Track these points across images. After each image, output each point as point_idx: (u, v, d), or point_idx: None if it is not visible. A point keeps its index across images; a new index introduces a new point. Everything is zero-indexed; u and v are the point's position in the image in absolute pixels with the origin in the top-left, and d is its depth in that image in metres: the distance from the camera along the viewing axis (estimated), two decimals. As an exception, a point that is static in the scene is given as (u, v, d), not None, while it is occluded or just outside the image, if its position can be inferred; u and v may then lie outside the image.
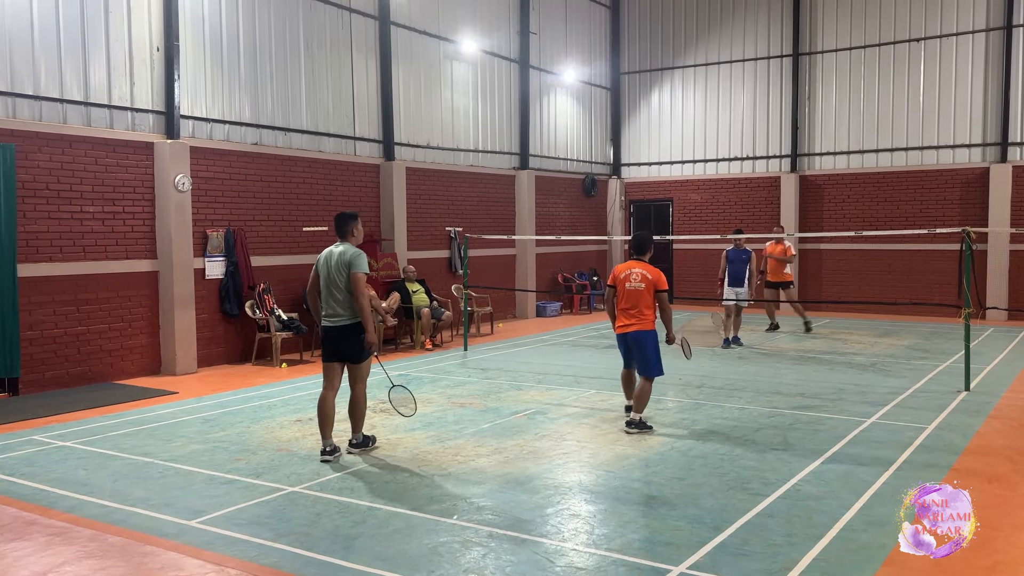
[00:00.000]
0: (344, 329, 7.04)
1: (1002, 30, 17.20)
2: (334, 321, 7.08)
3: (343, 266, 6.99)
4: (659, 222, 21.52)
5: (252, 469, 6.80)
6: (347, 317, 7.03)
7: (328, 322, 7.12)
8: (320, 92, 13.87)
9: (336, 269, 7.01)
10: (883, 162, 18.60)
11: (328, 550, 5.05)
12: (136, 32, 11.20)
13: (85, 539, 5.29)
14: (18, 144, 9.92)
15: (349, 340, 7.05)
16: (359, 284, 6.93)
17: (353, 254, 7.01)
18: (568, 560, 4.90)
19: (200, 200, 11.96)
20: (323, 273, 7.12)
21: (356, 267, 6.95)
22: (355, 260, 6.97)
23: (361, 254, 7.05)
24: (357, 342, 7.05)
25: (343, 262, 6.99)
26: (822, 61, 19.20)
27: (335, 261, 7.04)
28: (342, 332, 7.05)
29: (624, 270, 8.06)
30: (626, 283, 7.98)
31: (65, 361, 10.47)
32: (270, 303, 12.37)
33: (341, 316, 7.04)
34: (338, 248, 7.13)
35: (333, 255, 7.09)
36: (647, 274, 7.92)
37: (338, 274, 7.01)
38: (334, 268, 7.03)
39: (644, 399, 7.97)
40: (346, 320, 7.04)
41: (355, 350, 7.08)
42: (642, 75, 21.58)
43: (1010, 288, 17.05)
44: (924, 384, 10.20)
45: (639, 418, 7.94)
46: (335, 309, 7.06)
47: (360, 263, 6.98)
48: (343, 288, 7.00)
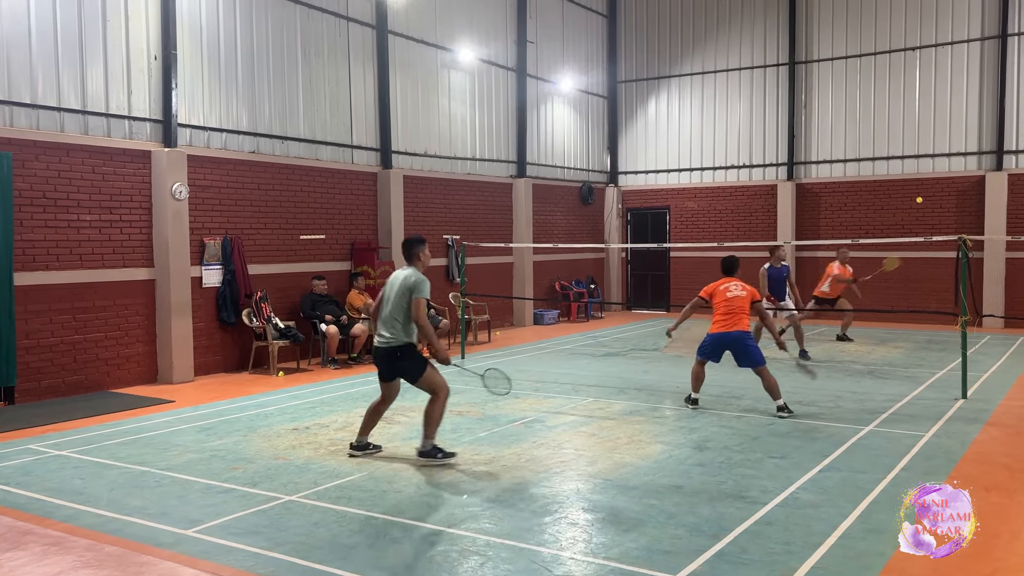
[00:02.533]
0: (395, 351, 7.04)
1: (997, 39, 17.28)
2: (387, 342, 7.07)
3: (406, 290, 6.99)
4: (656, 230, 21.56)
5: (249, 478, 6.78)
6: (398, 339, 7.03)
7: (380, 342, 7.13)
8: (318, 100, 13.89)
9: (400, 293, 7.02)
10: (879, 170, 18.66)
11: (325, 559, 5.03)
12: (134, 41, 11.22)
13: (81, 549, 5.27)
14: (15, 152, 9.92)
15: (401, 362, 7.07)
16: (418, 309, 6.93)
17: (417, 280, 7.00)
18: (566, 569, 4.88)
19: (197, 208, 11.96)
20: (386, 295, 7.16)
21: (418, 293, 6.95)
22: (418, 286, 6.97)
23: (425, 281, 7.04)
24: (409, 363, 7.07)
25: (407, 286, 6.99)
26: (818, 70, 19.26)
27: (399, 285, 7.05)
28: (393, 354, 7.06)
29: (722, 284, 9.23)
30: (726, 292, 9.13)
31: (61, 370, 10.44)
32: (267, 311, 12.36)
33: (392, 338, 7.03)
34: (403, 272, 7.15)
35: (398, 279, 7.11)
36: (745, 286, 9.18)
37: (400, 298, 7.01)
38: (397, 292, 7.04)
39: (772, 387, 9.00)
40: (397, 342, 7.03)
41: (409, 370, 7.10)
42: (639, 84, 21.64)
43: (1006, 296, 17.09)
44: (921, 392, 10.20)
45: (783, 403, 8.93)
46: (390, 331, 7.05)
47: (423, 289, 6.97)
48: (403, 311, 6.99)
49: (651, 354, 13.84)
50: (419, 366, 7.10)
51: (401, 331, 7.03)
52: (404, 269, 7.21)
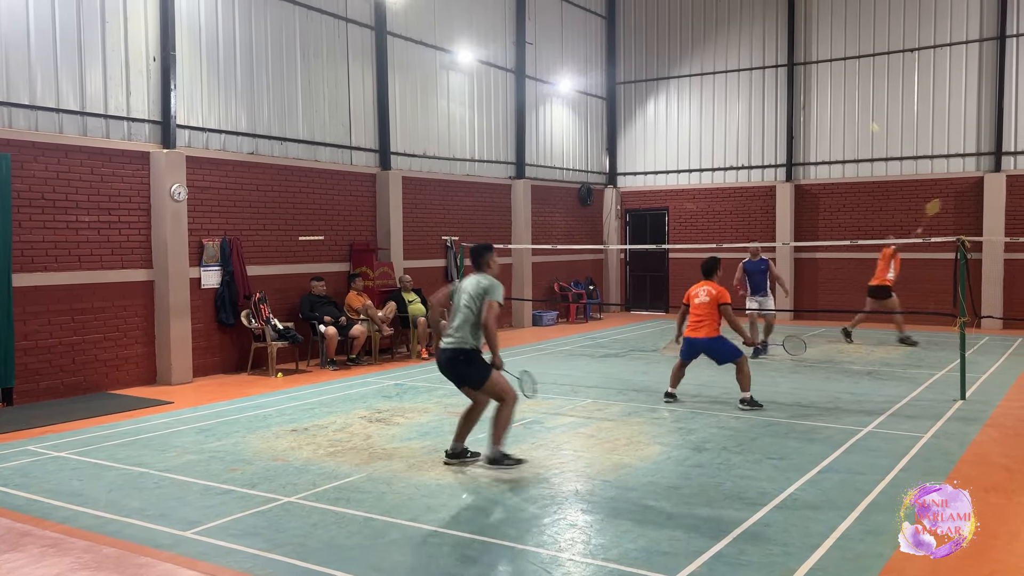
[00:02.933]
0: (458, 353, 6.92)
1: (995, 40, 17.30)
2: (451, 344, 6.95)
3: (481, 292, 6.90)
4: (655, 231, 21.57)
5: (247, 479, 6.78)
6: (464, 342, 6.90)
7: (444, 343, 7.01)
8: (316, 102, 13.89)
9: (474, 296, 6.92)
10: (878, 171, 18.67)
11: (324, 561, 5.03)
12: (132, 42, 11.22)
13: (80, 550, 5.26)
14: (14, 153, 9.91)
15: (463, 366, 6.94)
16: (490, 311, 6.82)
17: (491, 283, 6.95)
18: (565, 570, 4.88)
19: (196, 210, 11.95)
20: (456, 302, 7.06)
21: (492, 295, 6.87)
22: (492, 289, 6.91)
23: (499, 285, 6.99)
24: (471, 368, 6.94)
25: (481, 289, 6.91)
26: (817, 71, 19.28)
27: (472, 289, 6.96)
28: (456, 356, 6.93)
29: (695, 288, 9.63)
30: (695, 299, 9.52)
31: (60, 371, 10.43)
32: (266, 313, 12.35)
33: (458, 340, 6.91)
34: (475, 277, 7.06)
35: (470, 284, 7.01)
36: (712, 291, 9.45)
37: (473, 300, 6.92)
38: (470, 295, 6.94)
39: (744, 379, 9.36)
40: (462, 344, 6.90)
41: (471, 376, 6.97)
42: (638, 85, 21.65)
43: (1005, 297, 17.10)
44: (920, 393, 10.21)
45: (749, 396, 9.27)
46: (456, 333, 6.94)
47: (497, 292, 6.90)
48: (475, 314, 6.90)
49: (650, 355, 13.84)
50: (482, 371, 6.92)
51: (470, 335, 6.89)
52: (475, 275, 7.08)
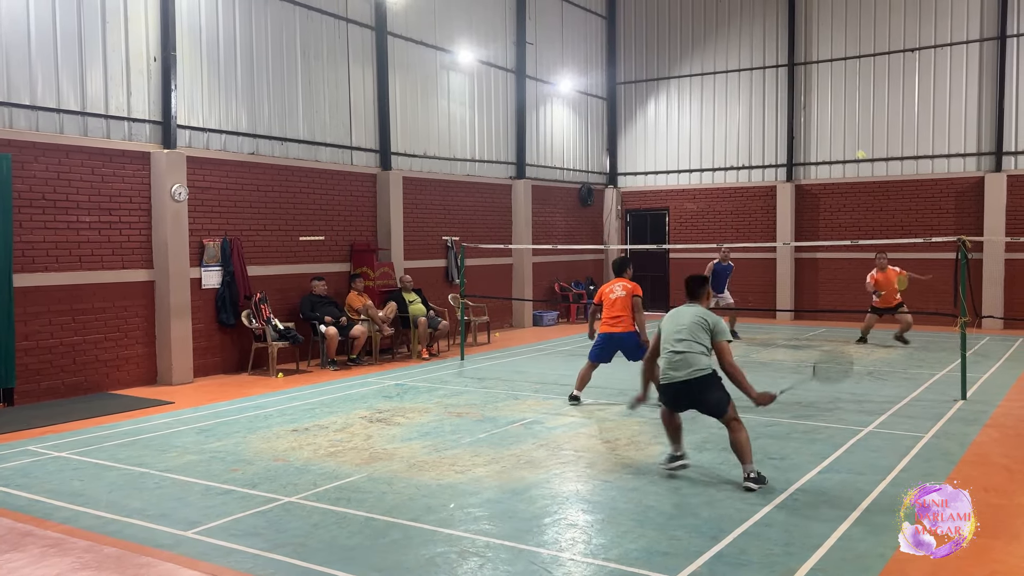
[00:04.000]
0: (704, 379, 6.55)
1: (996, 40, 17.30)
2: (684, 376, 6.54)
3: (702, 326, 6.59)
4: (655, 231, 21.57)
5: (248, 479, 6.78)
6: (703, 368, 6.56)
7: (677, 376, 6.58)
8: (317, 102, 13.89)
9: (698, 329, 6.59)
10: (878, 171, 18.67)
11: (325, 561, 5.03)
12: (133, 42, 11.22)
13: (81, 550, 5.26)
14: (14, 154, 9.91)
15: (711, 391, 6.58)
16: (729, 352, 6.56)
17: (716, 319, 6.67)
18: (565, 570, 4.88)
19: (196, 210, 11.96)
20: (670, 331, 6.71)
21: (723, 334, 6.62)
22: (720, 327, 6.63)
23: (722, 321, 6.71)
24: (720, 392, 6.57)
25: (707, 324, 6.60)
26: (817, 71, 19.28)
27: (691, 320, 6.63)
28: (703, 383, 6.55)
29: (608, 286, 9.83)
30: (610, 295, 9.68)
31: (60, 371, 10.44)
32: (266, 313, 12.36)
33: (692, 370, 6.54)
34: (693, 308, 6.77)
35: (687, 314, 6.71)
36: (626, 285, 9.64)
37: (696, 334, 6.58)
38: (696, 327, 6.60)
39: None
40: (705, 371, 6.56)
41: (722, 400, 6.58)
42: (638, 85, 21.65)
43: (1005, 297, 17.09)
44: (920, 393, 10.20)
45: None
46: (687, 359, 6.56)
47: (726, 332, 6.67)
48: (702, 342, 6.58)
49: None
50: (725, 395, 6.57)
51: (705, 360, 6.56)
52: (692, 307, 6.79)
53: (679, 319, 6.74)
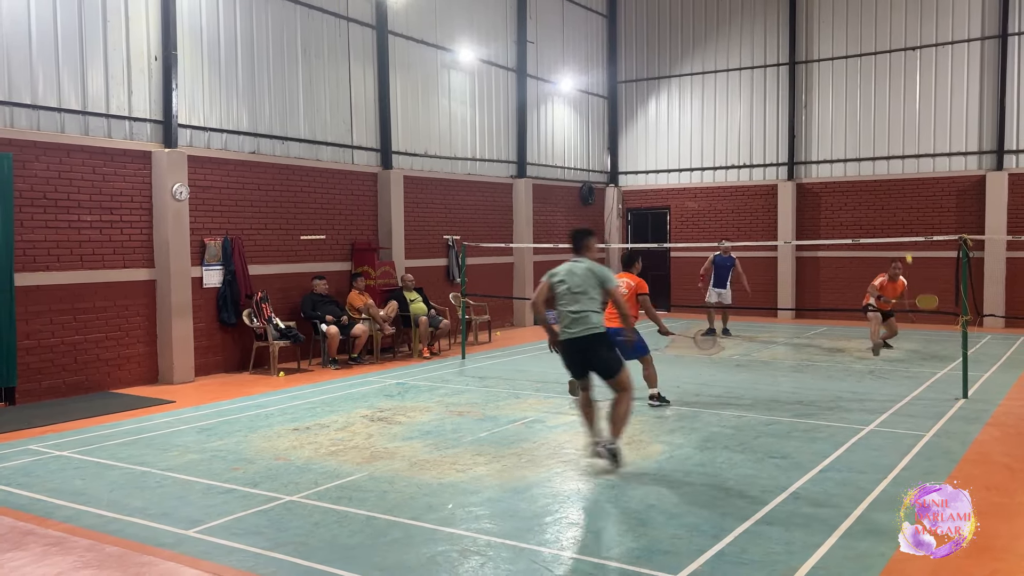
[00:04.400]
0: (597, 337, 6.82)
1: (997, 38, 17.28)
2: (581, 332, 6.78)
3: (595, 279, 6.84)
4: (656, 230, 21.56)
5: (250, 478, 6.79)
6: (597, 327, 6.84)
7: (573, 332, 6.81)
8: (318, 101, 13.89)
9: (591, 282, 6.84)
10: (880, 170, 18.66)
11: (326, 560, 5.03)
12: (134, 41, 11.22)
13: (82, 549, 5.27)
14: (15, 153, 9.92)
15: (604, 350, 6.85)
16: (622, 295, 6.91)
17: (603, 268, 6.95)
18: (567, 568, 4.88)
19: (198, 209, 11.96)
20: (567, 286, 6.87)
21: (613, 282, 6.93)
22: (608, 275, 6.91)
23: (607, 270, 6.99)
24: (612, 352, 6.90)
25: (597, 276, 6.85)
26: (818, 69, 19.26)
27: (583, 273, 6.85)
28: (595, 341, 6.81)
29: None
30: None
31: (62, 370, 10.44)
32: (268, 312, 12.36)
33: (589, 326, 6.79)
34: (583, 262, 6.98)
35: (579, 268, 6.91)
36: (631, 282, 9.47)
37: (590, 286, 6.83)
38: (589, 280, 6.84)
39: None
40: (597, 329, 6.82)
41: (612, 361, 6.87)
42: (639, 84, 21.64)
43: (1007, 295, 17.08)
44: (922, 391, 10.20)
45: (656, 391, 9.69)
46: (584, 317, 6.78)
47: (613, 278, 6.98)
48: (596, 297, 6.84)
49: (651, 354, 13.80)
50: (618, 358, 6.90)
51: (601, 318, 6.88)
52: (580, 260, 6.99)
53: (571, 277, 6.90)
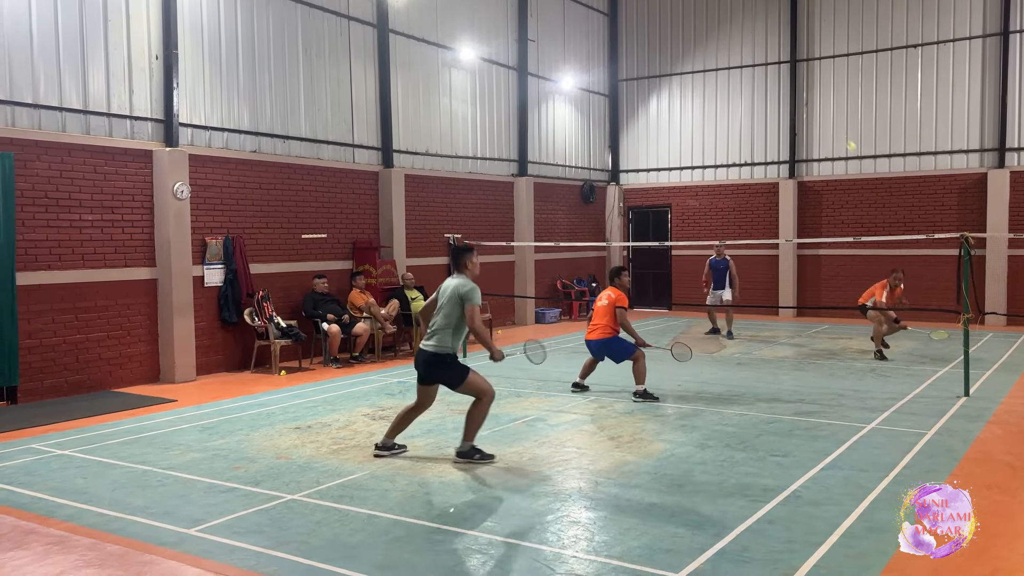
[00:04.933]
0: (437, 358, 7.10)
1: (999, 36, 17.25)
2: (432, 348, 7.10)
3: (459, 298, 7.06)
4: (657, 228, 21.55)
5: (251, 477, 6.79)
6: (443, 347, 7.08)
7: (426, 346, 7.16)
8: (319, 100, 13.89)
9: (452, 301, 7.08)
10: (881, 168, 18.64)
11: (328, 558, 5.04)
12: (135, 40, 11.22)
13: (84, 548, 5.27)
14: (17, 152, 9.92)
15: (442, 370, 7.13)
16: (473, 316, 6.98)
17: (470, 288, 7.07)
18: (568, 567, 4.89)
19: (199, 208, 11.96)
20: (438, 302, 7.23)
21: (471, 300, 7.02)
22: (470, 294, 7.03)
23: (476, 288, 7.11)
24: (450, 372, 7.12)
25: (459, 294, 7.07)
26: (820, 67, 19.24)
27: (450, 292, 7.12)
28: (435, 361, 7.10)
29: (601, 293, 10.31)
30: (598, 302, 10.12)
31: (64, 369, 10.45)
32: (269, 311, 12.37)
33: (437, 346, 7.08)
34: (455, 281, 7.21)
35: (449, 287, 7.17)
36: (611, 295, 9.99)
37: (453, 306, 7.08)
38: (449, 299, 7.11)
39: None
40: (441, 350, 7.08)
41: (450, 379, 7.16)
42: (640, 82, 21.62)
43: (1008, 293, 17.07)
44: (923, 390, 10.20)
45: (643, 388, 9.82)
46: (437, 338, 7.10)
47: (475, 297, 7.04)
48: (455, 318, 7.06)
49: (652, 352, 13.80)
50: (460, 374, 7.12)
51: (449, 339, 7.07)
52: (455, 278, 7.24)
53: (443, 294, 7.21)
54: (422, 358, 7.18)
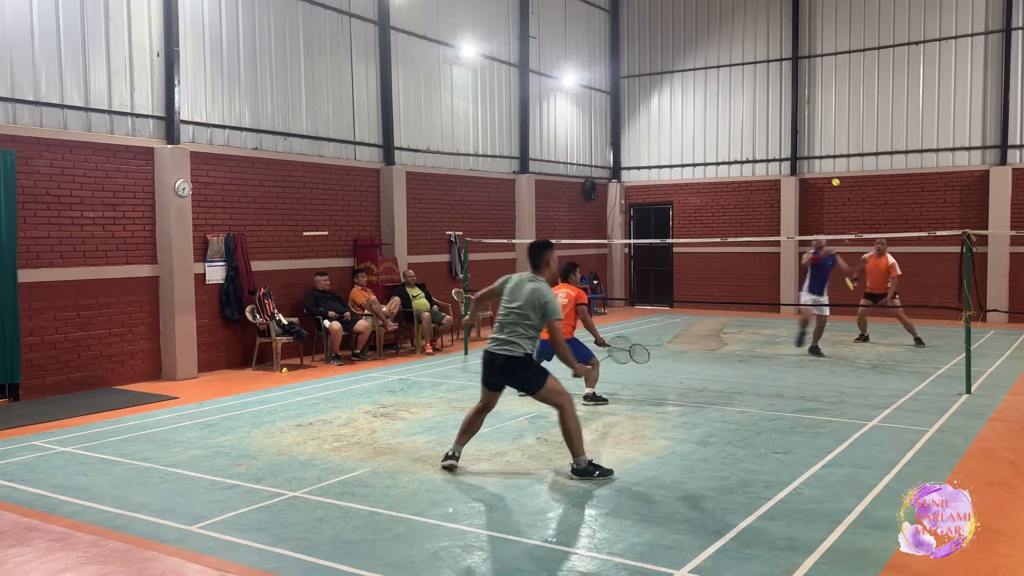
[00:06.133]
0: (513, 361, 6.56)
1: (1001, 33, 17.22)
2: (503, 350, 6.57)
3: (539, 305, 6.50)
4: (659, 226, 21.54)
5: (253, 474, 6.80)
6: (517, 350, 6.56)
7: (497, 349, 6.60)
8: (320, 97, 13.88)
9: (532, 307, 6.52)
10: (883, 165, 18.62)
11: (329, 555, 5.04)
12: (136, 37, 11.22)
13: (86, 545, 5.28)
14: (19, 150, 9.93)
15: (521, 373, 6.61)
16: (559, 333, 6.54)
17: (551, 297, 6.52)
18: (570, 564, 4.89)
19: (200, 205, 11.97)
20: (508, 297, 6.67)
21: (553, 315, 6.49)
22: (553, 306, 6.50)
23: (556, 297, 6.61)
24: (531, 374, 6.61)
25: (540, 301, 6.49)
26: (821, 64, 19.22)
27: (527, 296, 6.53)
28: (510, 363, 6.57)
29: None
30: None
31: (65, 366, 10.46)
32: (270, 308, 12.37)
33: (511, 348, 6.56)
34: (532, 282, 6.62)
35: (527, 288, 6.58)
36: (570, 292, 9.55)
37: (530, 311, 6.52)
38: (530, 304, 6.52)
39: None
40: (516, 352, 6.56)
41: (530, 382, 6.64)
42: (641, 79, 21.60)
43: (1010, 290, 17.05)
44: (925, 387, 10.19)
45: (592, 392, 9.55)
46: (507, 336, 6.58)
47: (558, 310, 6.54)
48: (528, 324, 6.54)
49: (654, 350, 13.82)
50: (541, 376, 6.61)
51: (523, 342, 6.55)
52: (531, 279, 6.64)
53: (517, 293, 6.63)
54: (498, 362, 6.57)
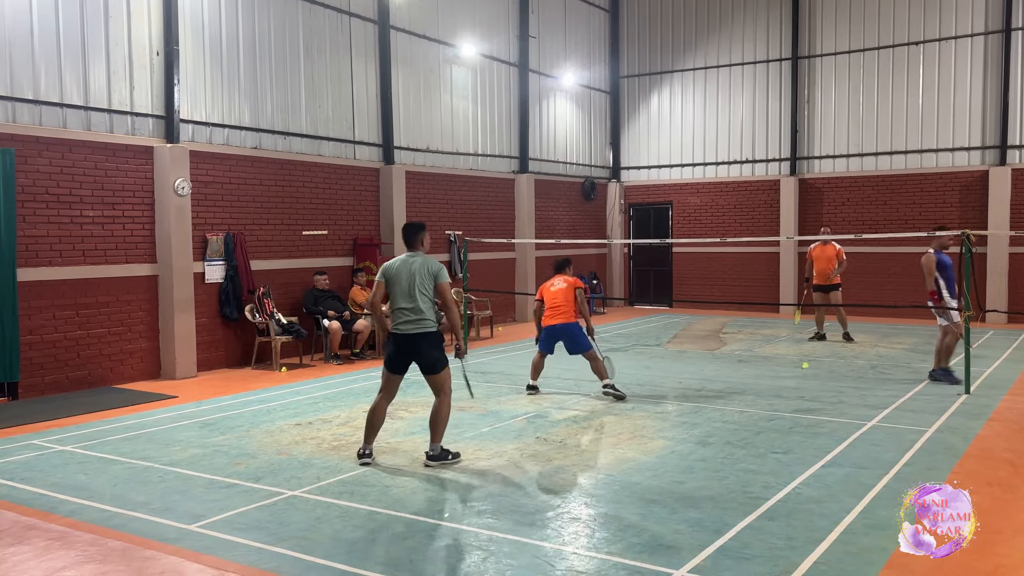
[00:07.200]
0: (428, 336, 6.90)
1: (1001, 33, 17.23)
2: (415, 329, 6.88)
3: (431, 276, 6.90)
4: (658, 225, 21.55)
5: (252, 473, 6.80)
6: (430, 325, 6.92)
7: (406, 329, 6.90)
8: (320, 96, 13.88)
9: (427, 278, 6.89)
10: (882, 165, 18.62)
11: (328, 554, 5.04)
12: (136, 36, 11.22)
13: (85, 543, 5.28)
14: (18, 148, 9.92)
15: (434, 351, 6.94)
16: (452, 295, 6.93)
17: (439, 264, 6.96)
18: (568, 563, 4.89)
19: (200, 204, 11.96)
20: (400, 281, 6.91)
21: (443, 277, 6.93)
22: (443, 271, 6.95)
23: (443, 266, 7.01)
24: (440, 352, 6.97)
25: (431, 272, 6.90)
26: (821, 64, 19.22)
27: (421, 269, 6.89)
28: (424, 339, 6.89)
29: (548, 282, 10.12)
30: (551, 288, 9.97)
31: (64, 365, 10.46)
32: (270, 307, 12.37)
33: (423, 324, 6.88)
34: (417, 257, 6.99)
35: (415, 264, 6.92)
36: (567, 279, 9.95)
37: (426, 283, 6.89)
38: (424, 275, 6.89)
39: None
40: (430, 328, 6.91)
41: (439, 360, 6.96)
42: (641, 79, 21.60)
43: (1010, 290, 17.06)
44: (924, 387, 10.19)
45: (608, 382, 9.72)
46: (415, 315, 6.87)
47: (446, 273, 6.98)
48: (427, 298, 6.90)
49: (653, 349, 13.84)
50: (445, 357, 6.99)
51: (433, 317, 6.93)
52: (414, 256, 7.00)
53: (404, 271, 6.89)
54: (411, 341, 6.85)
